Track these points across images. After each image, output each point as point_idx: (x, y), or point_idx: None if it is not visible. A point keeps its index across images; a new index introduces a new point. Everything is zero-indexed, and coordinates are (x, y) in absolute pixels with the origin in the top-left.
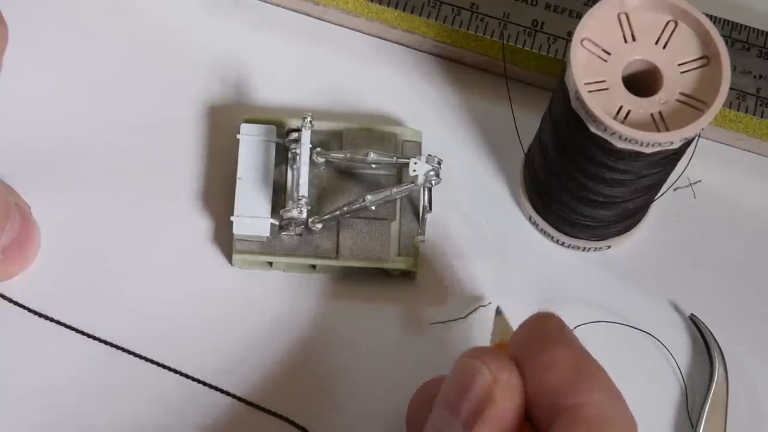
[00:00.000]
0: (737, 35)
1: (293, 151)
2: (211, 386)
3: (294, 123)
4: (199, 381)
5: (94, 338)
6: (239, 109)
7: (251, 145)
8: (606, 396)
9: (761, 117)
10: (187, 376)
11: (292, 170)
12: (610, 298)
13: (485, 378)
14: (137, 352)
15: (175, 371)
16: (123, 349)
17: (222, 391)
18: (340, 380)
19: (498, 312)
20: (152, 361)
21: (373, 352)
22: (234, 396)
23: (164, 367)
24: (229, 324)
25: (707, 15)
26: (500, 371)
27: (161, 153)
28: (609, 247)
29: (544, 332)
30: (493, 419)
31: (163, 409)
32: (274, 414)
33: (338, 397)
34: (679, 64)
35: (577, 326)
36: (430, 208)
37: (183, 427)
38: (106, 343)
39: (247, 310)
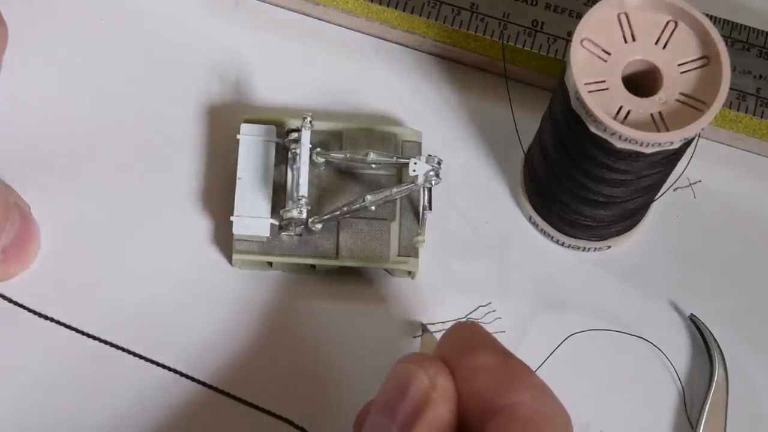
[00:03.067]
0: (737, 35)
1: (293, 151)
2: (210, 386)
3: (294, 123)
4: (198, 381)
5: (94, 338)
6: (239, 109)
7: (251, 145)
8: (537, 393)
9: (761, 117)
10: (186, 376)
11: (292, 170)
12: (609, 299)
13: (423, 382)
14: (137, 352)
15: (175, 371)
16: (123, 349)
17: (221, 391)
18: (339, 380)
19: (424, 329)
20: (152, 361)
21: (373, 352)
22: (234, 397)
23: (164, 367)
24: (228, 324)
25: (707, 15)
26: (437, 376)
27: (161, 153)
28: (609, 247)
29: (468, 338)
30: (431, 423)
31: (163, 409)
32: (274, 415)
33: (338, 397)
34: (679, 64)
35: (574, 334)
36: (430, 208)
37: (182, 427)
38: (105, 342)
39: (247, 310)
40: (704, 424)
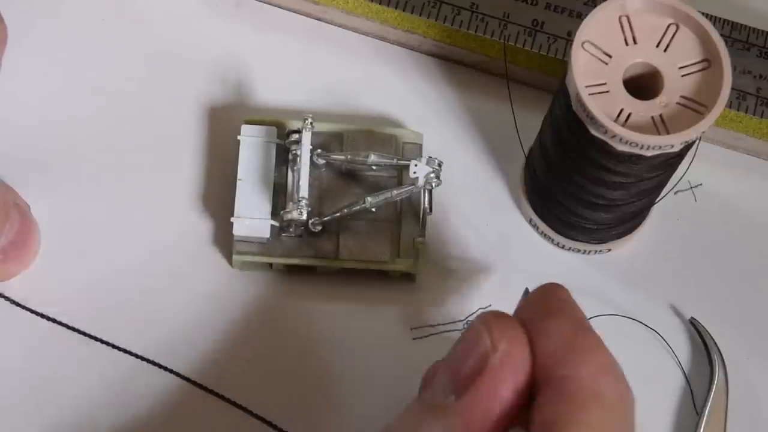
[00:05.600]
0: (737, 35)
1: (294, 152)
2: (209, 390)
3: (295, 124)
4: (197, 384)
5: (94, 338)
6: (240, 110)
7: (252, 146)
8: (597, 371)
9: (761, 117)
10: (186, 378)
11: (293, 172)
12: (610, 301)
13: (485, 345)
14: (137, 352)
15: (175, 373)
16: (122, 350)
17: (221, 396)
18: (340, 382)
19: (526, 293)
20: (151, 362)
21: (373, 354)
22: (233, 403)
23: (163, 368)
24: (228, 325)
25: (707, 15)
26: (500, 340)
27: (161, 154)
28: (609, 250)
29: (550, 301)
30: (485, 389)
31: (163, 410)
32: (269, 424)
33: (338, 398)
34: (680, 68)
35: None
36: (431, 210)
37: (182, 429)
38: (105, 343)
39: (247, 311)
40: (704, 426)
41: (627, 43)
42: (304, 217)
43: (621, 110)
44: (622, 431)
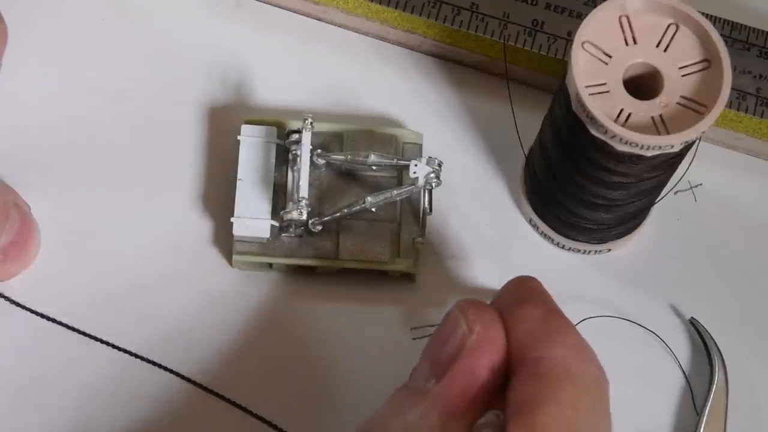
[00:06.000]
0: (737, 35)
1: (294, 152)
2: (208, 390)
3: (295, 124)
4: (197, 384)
5: (94, 338)
6: (240, 110)
7: (252, 146)
8: (569, 351)
9: (761, 117)
10: (186, 378)
11: (293, 172)
12: (610, 301)
13: (462, 329)
14: (136, 352)
15: (174, 372)
16: (122, 350)
17: (221, 396)
18: (340, 382)
19: None
20: (151, 362)
21: (373, 354)
22: (233, 403)
23: (163, 368)
24: (228, 325)
25: (707, 15)
26: (475, 324)
27: (162, 154)
28: (609, 250)
29: (522, 290)
30: (462, 370)
31: (162, 411)
32: (269, 423)
33: (338, 398)
34: (680, 68)
35: (583, 320)
36: (431, 210)
37: (181, 430)
38: (105, 343)
39: (247, 311)
40: (704, 426)
41: (627, 43)
42: (304, 217)
43: (621, 110)
44: (595, 409)
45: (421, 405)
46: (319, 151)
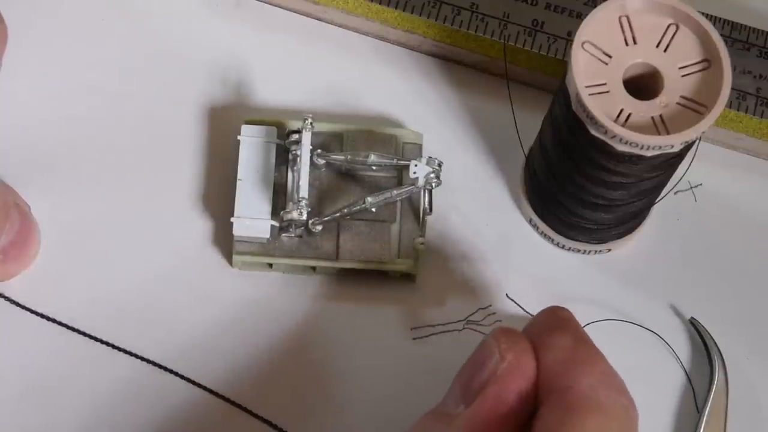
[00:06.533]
0: (737, 35)
1: (294, 152)
2: (208, 390)
3: (295, 124)
4: (197, 384)
5: (94, 338)
6: (240, 111)
7: (252, 146)
8: (597, 381)
9: (761, 117)
10: (185, 378)
11: (293, 172)
12: (610, 301)
13: (495, 357)
14: (136, 352)
15: (174, 372)
16: (122, 350)
17: (221, 396)
18: (340, 382)
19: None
20: (151, 362)
21: (373, 354)
22: (233, 402)
23: (163, 368)
24: (228, 325)
25: (707, 15)
26: (508, 351)
27: (162, 154)
28: (609, 250)
29: (553, 319)
30: (491, 397)
31: (162, 411)
32: (269, 423)
33: (338, 398)
34: (680, 68)
35: (586, 325)
36: (431, 210)
37: (180, 430)
38: (105, 343)
39: (247, 311)
40: (704, 426)
41: (627, 43)
42: (304, 217)
43: (621, 110)
44: None
45: (447, 429)
46: (319, 151)
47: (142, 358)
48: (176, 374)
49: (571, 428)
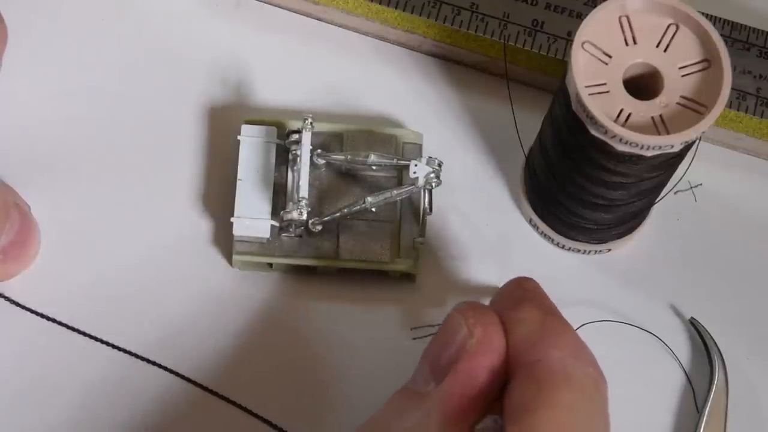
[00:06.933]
0: (737, 35)
1: (294, 152)
2: (208, 390)
3: (295, 124)
4: (197, 384)
5: (94, 338)
6: (240, 110)
7: (252, 146)
8: (566, 353)
9: (761, 117)
10: (186, 378)
11: (293, 172)
12: (610, 301)
13: (463, 333)
14: (136, 352)
15: (174, 372)
16: (122, 350)
17: (221, 396)
18: (340, 382)
19: None
20: (151, 362)
21: (373, 354)
22: (233, 402)
23: (163, 367)
24: (228, 325)
25: (707, 15)
26: (476, 326)
27: (161, 154)
28: (609, 250)
29: (520, 291)
30: (461, 374)
31: (162, 411)
32: (269, 423)
33: (338, 398)
34: (680, 68)
35: (582, 325)
36: (431, 210)
37: (180, 430)
38: (105, 343)
39: (247, 311)
40: (704, 426)
41: (627, 44)
42: (304, 217)
43: (621, 110)
44: (593, 412)
45: (420, 408)
46: (319, 151)
47: (142, 358)
48: (176, 374)
49: (543, 402)
